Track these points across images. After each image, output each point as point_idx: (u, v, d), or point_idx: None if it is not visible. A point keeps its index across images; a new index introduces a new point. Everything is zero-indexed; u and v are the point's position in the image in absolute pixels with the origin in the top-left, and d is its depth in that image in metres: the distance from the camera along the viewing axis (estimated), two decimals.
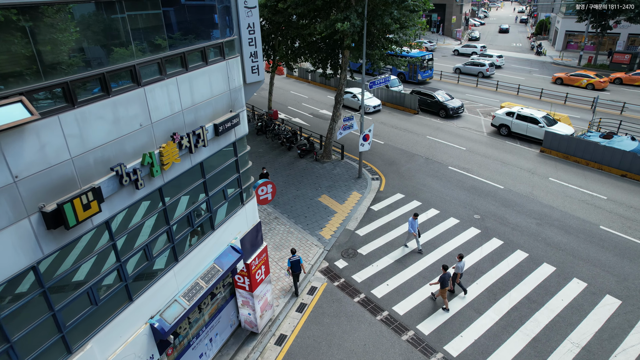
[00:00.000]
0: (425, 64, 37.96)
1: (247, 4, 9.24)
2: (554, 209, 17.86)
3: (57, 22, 5.56)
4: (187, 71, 7.73)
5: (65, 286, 6.19)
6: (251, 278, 11.18)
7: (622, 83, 36.92)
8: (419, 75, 38.17)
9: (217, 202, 9.41)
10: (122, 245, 7.04)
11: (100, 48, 6.21)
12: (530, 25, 79.16)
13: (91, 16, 6.10)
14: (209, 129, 8.44)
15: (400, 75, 39.31)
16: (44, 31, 5.43)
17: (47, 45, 5.50)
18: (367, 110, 29.80)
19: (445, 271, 12.39)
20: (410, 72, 38.60)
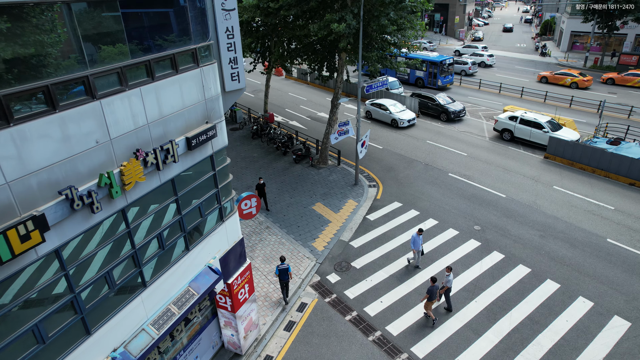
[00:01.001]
0: (446, 68, 35.55)
1: (225, 6, 8.53)
2: (558, 219, 17.06)
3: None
4: (154, 81, 7.03)
5: (5, 324, 5.50)
6: (233, 298, 10.48)
7: (615, 83, 36.58)
8: (438, 81, 35.52)
9: (192, 221, 8.71)
10: (76, 274, 6.35)
11: (44, 57, 5.51)
12: (534, 26, 78.06)
13: None
14: (180, 143, 7.73)
15: (419, 80, 37.05)
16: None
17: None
18: (400, 124, 26.99)
19: (433, 283, 11.91)
20: (429, 77, 36.12)
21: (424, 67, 35.77)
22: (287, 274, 12.83)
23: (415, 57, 34.74)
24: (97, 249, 6.60)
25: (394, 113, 27.37)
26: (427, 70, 35.75)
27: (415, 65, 34.71)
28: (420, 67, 35.96)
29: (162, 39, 7.23)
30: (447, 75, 35.97)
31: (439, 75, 35.32)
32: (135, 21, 6.71)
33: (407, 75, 37.66)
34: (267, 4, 17.32)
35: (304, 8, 17.19)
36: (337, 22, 16.43)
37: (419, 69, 36.33)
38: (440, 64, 34.79)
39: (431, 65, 35.23)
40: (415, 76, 37.11)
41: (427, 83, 36.49)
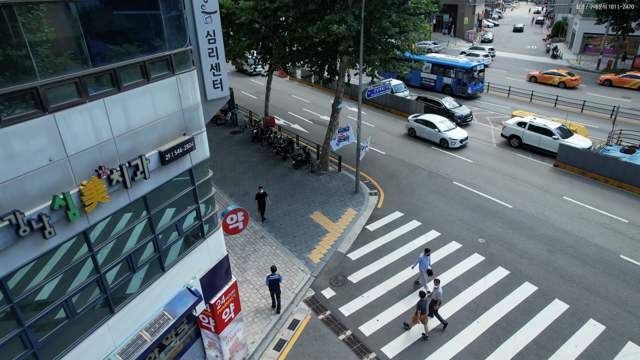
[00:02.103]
0: (477, 75, 32.77)
1: (206, 9, 7.91)
2: (568, 233, 16.18)
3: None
4: (121, 91, 6.42)
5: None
6: (216, 319, 9.86)
7: (612, 85, 36.46)
8: (468, 89, 32.70)
9: (168, 239, 8.09)
10: (26, 306, 5.75)
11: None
12: (546, 27, 76.55)
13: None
14: (152, 157, 7.11)
15: (447, 88, 34.28)
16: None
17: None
18: (452, 145, 23.59)
19: (422, 298, 11.43)
20: (458, 85, 33.38)
21: (453, 74, 33.33)
22: (278, 284, 12.50)
23: (442, 62, 33.56)
24: (53, 276, 5.99)
25: (443, 132, 23.96)
26: (456, 77, 33.15)
27: (443, 71, 33.44)
28: (448, 73, 33.64)
29: (130, 45, 6.61)
30: (477, 83, 33.26)
31: (469, 83, 32.58)
32: (97, 25, 6.09)
33: (434, 82, 35.00)
34: (264, 5, 16.69)
35: (302, 10, 16.53)
36: (337, 24, 15.75)
37: (446, 76, 33.86)
38: (471, 71, 32.20)
39: (460, 71, 32.79)
40: (442, 83, 34.44)
41: (455, 90, 33.68)
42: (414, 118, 25.92)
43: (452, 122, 24.92)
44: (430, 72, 34.91)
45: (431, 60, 34.75)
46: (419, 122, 25.30)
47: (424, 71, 35.27)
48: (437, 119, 24.87)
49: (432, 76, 34.85)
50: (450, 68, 33.40)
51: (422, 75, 35.53)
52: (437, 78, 34.67)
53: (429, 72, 35.09)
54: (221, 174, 21.83)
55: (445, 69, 33.46)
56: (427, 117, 25.29)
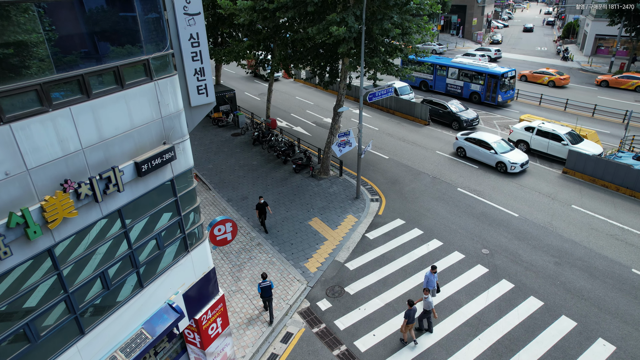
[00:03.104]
0: (508, 82, 30.59)
1: (188, 10, 7.46)
2: (576, 244, 15.49)
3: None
4: (90, 98, 5.98)
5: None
6: (202, 334, 9.41)
7: (609, 86, 36.35)
8: (498, 96, 30.45)
9: (147, 254, 7.65)
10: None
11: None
12: (557, 28, 75.24)
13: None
14: (127, 169, 6.68)
15: (474, 95, 31.99)
16: None
17: None
18: (511, 169, 20.43)
19: (410, 306, 11.02)
20: (487, 92, 31.11)
21: (481, 80, 31.23)
22: (269, 290, 12.22)
23: (469, 68, 31.86)
24: (9, 299, 5.57)
25: (500, 154, 20.82)
26: (485, 84, 30.95)
27: (471, 78, 31.67)
28: (475, 80, 31.65)
29: (102, 48, 6.18)
30: (508, 90, 31.03)
31: (499, 90, 30.33)
32: (61, 27, 5.66)
33: (460, 89, 32.84)
34: (262, 6, 16.23)
35: (301, 11, 16.05)
36: (337, 25, 15.25)
37: (474, 82, 31.78)
38: (501, 77, 29.93)
39: (490, 78, 30.56)
40: (469, 90, 32.22)
41: (484, 98, 31.51)
42: (463, 136, 22.76)
43: (507, 144, 21.63)
44: (457, 79, 32.89)
45: (457, 65, 32.83)
46: (471, 141, 22.13)
47: (450, 77, 33.40)
48: (492, 138, 21.69)
49: (459, 82, 32.90)
50: (478, 74, 31.41)
51: (447, 81, 33.72)
52: (464, 85, 32.57)
53: (455, 78, 33.06)
54: (220, 178, 21.44)
55: (473, 75, 31.56)
56: (480, 135, 22.13)
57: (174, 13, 7.34)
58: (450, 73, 33.39)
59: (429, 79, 35.13)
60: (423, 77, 35.53)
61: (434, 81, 34.85)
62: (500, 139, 21.84)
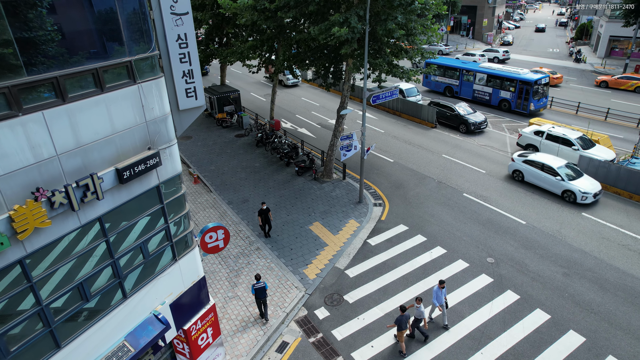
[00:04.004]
0: (541, 89, 28.56)
1: (175, 10, 7.14)
2: (586, 254, 14.89)
3: None
4: (66, 102, 5.69)
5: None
6: (191, 345, 9.10)
7: (608, 86, 35.99)
8: (530, 104, 28.37)
9: (131, 263, 7.35)
10: None
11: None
12: (570, 29, 73.90)
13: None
14: (107, 176, 6.38)
15: (504, 102, 30.00)
16: None
17: None
18: (581, 200, 17.56)
19: (403, 313, 10.85)
20: (518, 99, 29.08)
21: (512, 87, 29.22)
22: (264, 292, 12.12)
23: (499, 74, 29.81)
24: None
25: (568, 181, 17.94)
26: (516, 91, 28.93)
27: (502, 85, 29.70)
28: (506, 86, 29.64)
29: (79, 49, 5.87)
30: (541, 98, 28.93)
31: (531, 98, 28.25)
32: (35, 27, 5.36)
33: (488, 95, 30.79)
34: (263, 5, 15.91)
35: (303, 11, 15.69)
36: (340, 25, 14.86)
37: (504, 89, 29.77)
38: (534, 84, 27.83)
39: (522, 84, 28.51)
40: (499, 97, 30.25)
41: (514, 106, 29.46)
42: (521, 157, 19.81)
43: (575, 168, 18.87)
44: (485, 85, 30.90)
45: (486, 70, 30.78)
46: (531, 164, 19.27)
47: (478, 83, 31.43)
48: (557, 162, 18.63)
49: (487, 89, 30.90)
50: (509, 80, 29.31)
51: (474, 87, 31.78)
52: (493, 91, 30.54)
53: (483, 84, 31.10)
54: (221, 180, 21.18)
55: (503, 82, 29.56)
56: (542, 158, 19.07)
57: (160, 12, 7.03)
58: (478, 79, 31.38)
59: (455, 85, 33.25)
60: (448, 83, 33.71)
61: (460, 87, 32.92)
62: (566, 163, 18.86)
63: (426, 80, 35.52)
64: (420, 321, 11.43)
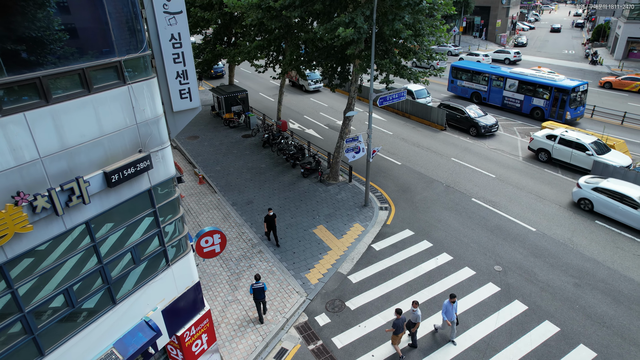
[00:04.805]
0: (579, 97, 26.74)
1: (169, 9, 6.93)
2: (599, 264, 14.33)
3: None
4: (49, 103, 5.50)
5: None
6: (185, 352, 8.89)
7: (612, 87, 35.89)
8: (567, 113, 26.40)
9: (121, 269, 7.15)
10: None
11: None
12: (586, 30, 72.35)
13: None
14: (95, 179, 6.18)
15: (536, 110, 28.14)
16: None
17: None
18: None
19: (399, 316, 10.73)
20: (552, 107, 27.21)
21: (546, 95, 27.34)
22: (262, 292, 12.05)
23: (532, 80, 27.95)
24: None
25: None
26: (551, 99, 27.07)
27: (537, 92, 27.90)
28: (539, 93, 27.79)
29: (64, 48, 5.68)
30: (578, 107, 27.01)
31: (568, 106, 26.28)
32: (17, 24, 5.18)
33: (520, 103, 29.01)
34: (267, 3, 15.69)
35: (309, 10, 15.43)
36: (345, 26, 14.56)
37: (538, 96, 27.93)
38: (572, 91, 25.92)
39: (557, 92, 26.65)
40: (531, 105, 28.41)
41: (548, 115, 27.54)
42: (591, 184, 17.22)
43: None
44: (516, 91, 29.12)
45: (518, 76, 28.98)
46: (604, 192, 16.60)
47: (508, 89, 29.67)
48: (636, 191, 15.97)
49: (518, 96, 29.09)
50: (543, 87, 27.44)
51: (504, 94, 29.98)
52: (525, 99, 28.70)
53: (513, 91, 29.29)
54: (226, 181, 21.03)
55: (537, 88, 27.79)
56: (618, 187, 16.40)
57: (153, 11, 6.82)
58: (509, 85, 29.54)
59: (483, 91, 31.48)
60: (475, 88, 32.01)
61: (488, 93, 31.12)
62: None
63: (452, 85, 33.96)
64: (414, 325, 11.14)
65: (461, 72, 32.80)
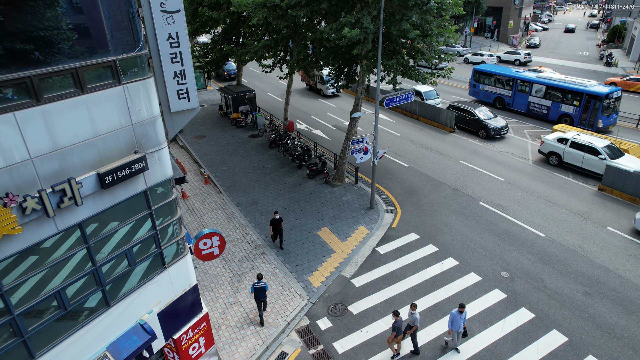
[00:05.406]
0: (612, 103, 25.17)
1: (166, 8, 6.81)
2: (610, 272, 13.91)
3: None
4: (40, 103, 5.41)
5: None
6: (181, 355, 8.78)
7: None
8: (599, 121, 24.84)
9: (115, 271, 7.06)
10: None
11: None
12: (601, 32, 71.00)
13: None
14: (88, 180, 6.08)
15: (565, 117, 26.57)
16: None
17: None
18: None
19: (397, 318, 10.62)
20: (583, 114, 25.65)
21: (576, 101, 25.74)
22: (264, 292, 12.05)
23: (561, 85, 26.46)
24: None
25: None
26: (582, 105, 25.47)
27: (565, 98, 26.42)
28: (568, 99, 26.24)
29: (56, 47, 5.59)
30: (611, 114, 25.45)
31: (600, 113, 24.70)
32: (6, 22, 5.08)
33: (546, 109, 27.50)
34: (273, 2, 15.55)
35: (315, 9, 15.25)
36: (350, 26, 14.36)
37: (566, 103, 26.38)
38: (605, 98, 24.39)
39: (589, 98, 25.09)
40: (559, 112, 26.84)
41: (577, 122, 25.87)
42: None
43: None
44: (543, 97, 27.65)
45: (545, 81, 27.43)
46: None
47: (534, 95, 28.17)
48: None
49: (545, 102, 27.58)
50: (572, 93, 25.89)
51: (530, 99, 28.53)
52: (552, 105, 27.19)
53: (540, 97, 27.82)
54: (232, 181, 20.96)
55: (565, 94, 26.27)
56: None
57: (150, 10, 6.70)
58: (535, 90, 28.03)
59: (507, 96, 30.05)
60: (499, 93, 30.54)
61: (513, 98, 29.67)
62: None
63: (473, 89, 32.45)
64: (411, 328, 10.94)
65: (484, 75, 31.35)
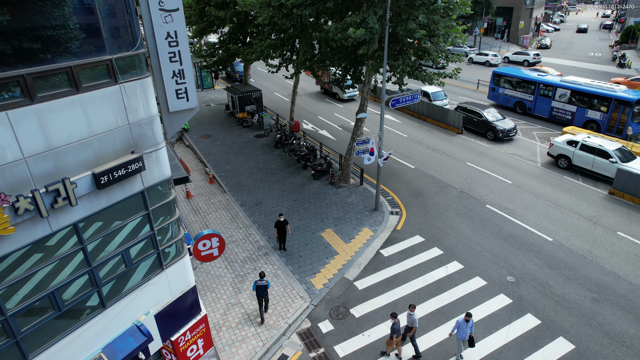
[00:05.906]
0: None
1: (164, 6, 6.72)
2: (620, 278, 13.57)
3: None
4: (34, 102, 5.35)
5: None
6: (179, 357, 8.70)
7: None
8: (629, 128, 23.47)
9: (111, 272, 6.99)
10: None
11: None
12: (615, 32, 69.84)
13: None
14: (82, 180, 6.02)
15: (591, 123, 25.28)
16: None
17: None
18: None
19: (395, 320, 10.58)
20: (610, 121, 24.41)
21: (604, 107, 24.62)
22: (265, 290, 12.13)
23: (587, 90, 25.29)
24: None
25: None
26: (609, 111, 24.29)
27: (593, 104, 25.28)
28: (594, 105, 25.17)
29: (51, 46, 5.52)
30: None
31: (630, 120, 23.47)
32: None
33: (571, 115, 26.35)
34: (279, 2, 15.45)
35: (320, 8, 15.12)
36: (355, 26, 14.20)
37: (592, 108, 25.27)
38: (637, 104, 23.22)
39: (617, 104, 23.93)
40: (584, 117, 25.63)
41: (605, 129, 24.64)
42: None
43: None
44: (567, 102, 26.50)
45: (570, 86, 26.25)
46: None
47: (558, 99, 27.00)
48: None
49: (570, 107, 26.42)
50: (600, 98, 24.76)
51: (553, 104, 27.39)
52: (577, 110, 25.97)
53: (564, 102, 26.64)
54: (237, 181, 20.91)
55: (592, 99, 25.16)
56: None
57: (148, 8, 6.62)
58: (559, 95, 26.90)
59: (528, 100, 28.91)
60: (520, 98, 29.47)
61: (534, 103, 28.59)
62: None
63: (493, 93, 31.36)
64: (410, 330, 10.84)
65: (504, 79, 30.34)
